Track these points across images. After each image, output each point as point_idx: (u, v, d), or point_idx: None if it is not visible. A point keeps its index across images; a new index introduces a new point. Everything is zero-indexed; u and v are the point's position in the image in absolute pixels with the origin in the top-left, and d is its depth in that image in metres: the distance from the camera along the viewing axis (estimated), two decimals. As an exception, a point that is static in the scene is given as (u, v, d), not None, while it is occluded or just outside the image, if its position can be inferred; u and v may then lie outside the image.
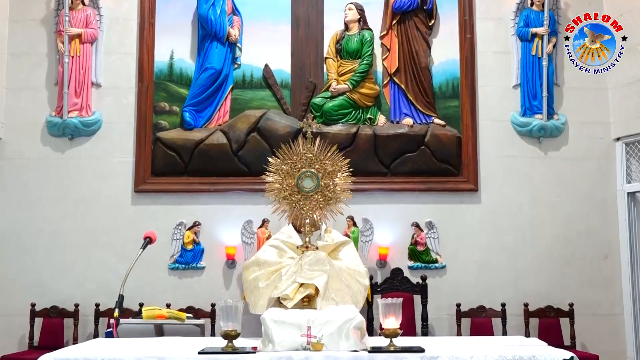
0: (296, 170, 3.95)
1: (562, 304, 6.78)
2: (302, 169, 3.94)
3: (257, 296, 4.01)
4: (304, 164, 3.96)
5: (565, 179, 7.11)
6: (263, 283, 4.00)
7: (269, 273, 4.04)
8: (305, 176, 3.93)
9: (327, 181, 3.96)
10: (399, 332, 3.30)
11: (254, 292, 4.04)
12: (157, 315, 4.49)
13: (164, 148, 7.04)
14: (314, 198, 3.94)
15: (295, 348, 3.24)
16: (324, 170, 3.96)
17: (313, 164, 3.95)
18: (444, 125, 7.12)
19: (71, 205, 6.97)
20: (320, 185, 3.94)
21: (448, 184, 7.06)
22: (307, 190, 3.91)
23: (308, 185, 3.92)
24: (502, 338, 5.23)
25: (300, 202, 3.94)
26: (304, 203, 3.93)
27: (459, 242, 7.01)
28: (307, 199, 3.92)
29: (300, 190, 3.93)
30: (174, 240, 6.94)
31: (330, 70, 7.17)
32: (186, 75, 7.17)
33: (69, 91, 7.00)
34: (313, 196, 3.93)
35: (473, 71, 7.17)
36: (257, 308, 4.00)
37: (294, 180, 3.94)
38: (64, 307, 6.76)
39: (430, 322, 6.64)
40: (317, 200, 3.94)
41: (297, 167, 3.96)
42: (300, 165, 3.97)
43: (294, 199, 3.94)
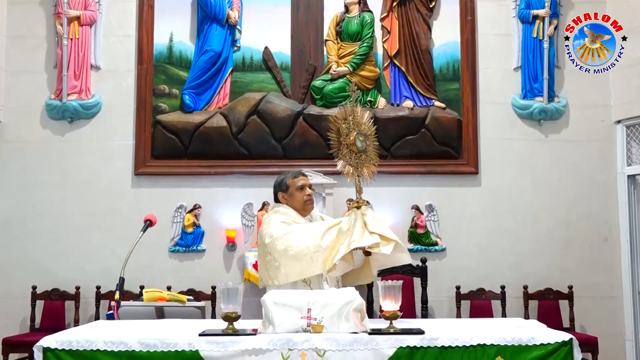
0: (351, 130, 4.01)
1: (561, 286, 6.81)
2: (354, 130, 4.01)
3: (318, 256, 3.88)
4: (354, 126, 4.03)
5: (566, 161, 7.10)
6: (325, 241, 3.90)
7: (325, 231, 3.96)
8: (355, 137, 3.99)
9: (368, 142, 4.05)
10: (398, 315, 3.31)
11: (314, 255, 3.88)
12: (158, 298, 4.50)
13: (164, 131, 7.04)
14: (362, 157, 4.02)
15: (296, 330, 3.26)
16: (365, 133, 4.03)
17: (359, 125, 4.02)
18: (444, 107, 7.11)
19: (71, 188, 6.98)
20: (366, 145, 4.02)
21: (448, 167, 7.06)
22: (359, 150, 3.99)
23: (359, 144, 3.99)
24: (501, 320, 5.25)
25: (355, 160, 4.00)
26: (357, 161, 4.00)
27: (459, 225, 7.03)
28: (358, 158, 4.00)
29: (359, 150, 4.00)
30: (174, 223, 6.96)
31: (331, 53, 7.14)
32: (186, 58, 7.14)
33: (68, 74, 6.98)
34: (361, 156, 4.01)
35: (474, 53, 7.14)
36: (316, 268, 3.90)
37: (351, 139, 3.99)
38: (65, 289, 6.79)
39: (430, 305, 6.67)
40: (364, 160, 4.02)
41: (351, 128, 4.02)
42: (352, 126, 4.03)
43: (351, 157, 4.00)
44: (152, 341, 3.19)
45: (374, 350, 3.19)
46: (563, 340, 3.25)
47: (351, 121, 4.04)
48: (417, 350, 3.20)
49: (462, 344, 3.22)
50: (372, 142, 4.12)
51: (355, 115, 4.06)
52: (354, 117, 4.05)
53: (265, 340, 3.18)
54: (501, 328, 3.46)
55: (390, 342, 3.20)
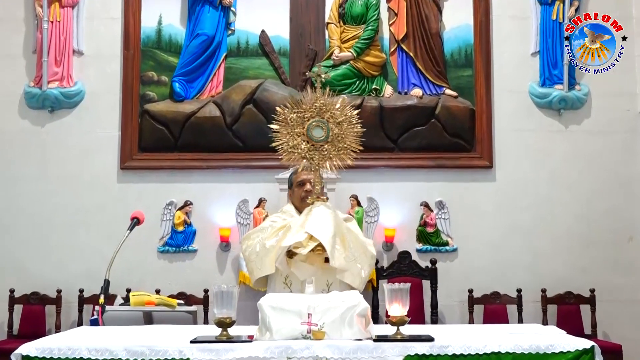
0: (305, 119, 3.99)
1: (582, 289, 6.81)
2: (311, 118, 3.97)
3: (263, 256, 4.02)
4: (313, 114, 3.99)
5: (587, 154, 7.10)
6: (271, 241, 4.03)
7: (276, 230, 4.08)
8: (314, 125, 3.96)
9: (337, 131, 4.00)
10: (406, 320, 3.31)
11: (259, 254, 4.06)
12: (146, 302, 4.51)
13: (152, 121, 7.04)
14: (324, 148, 3.97)
15: (295, 337, 3.26)
16: (334, 120, 3.99)
17: (323, 113, 3.98)
18: (456, 96, 7.11)
19: (52, 182, 6.98)
20: (331, 134, 3.97)
21: (460, 160, 7.06)
22: (317, 140, 3.94)
23: (318, 134, 3.95)
24: (517, 326, 5.25)
25: (310, 152, 3.97)
26: (314, 153, 3.97)
27: (472, 223, 7.03)
28: (316, 149, 3.96)
29: (310, 139, 3.96)
30: (164, 221, 6.97)
31: (333, 37, 7.14)
32: (176, 43, 7.14)
33: (49, 59, 6.97)
34: (323, 146, 3.96)
35: (488, 37, 7.14)
36: (264, 269, 4.02)
37: (304, 129, 3.97)
38: (45, 293, 6.79)
39: (440, 309, 6.68)
40: (328, 150, 3.98)
41: (307, 117, 3.99)
42: (310, 115, 3.99)
43: (303, 149, 3.97)
44: (139, 349, 3.19)
45: (379, 358, 3.18)
46: (584, 347, 3.25)
47: (313, 110, 4.01)
48: (426, 359, 3.20)
49: (474, 352, 3.21)
50: (347, 129, 4.06)
51: (318, 101, 4.02)
52: (317, 105, 4.03)
53: (261, 347, 3.18)
54: (517, 335, 3.45)
55: (397, 349, 3.20)
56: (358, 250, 4.05)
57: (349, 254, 3.94)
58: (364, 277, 4.06)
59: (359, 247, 4.08)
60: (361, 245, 4.12)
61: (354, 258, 3.98)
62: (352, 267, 3.98)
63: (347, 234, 4.05)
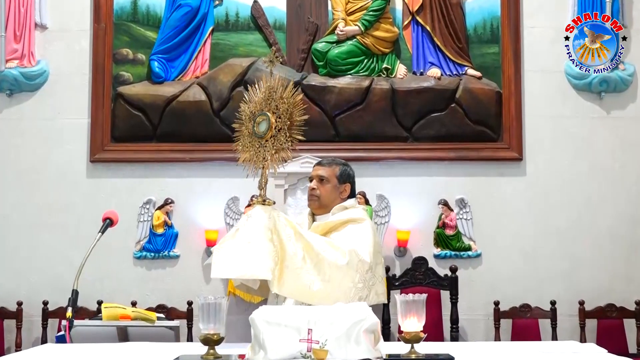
0: (256, 114, 4.03)
1: (626, 301, 6.82)
2: (259, 111, 4.02)
3: None
4: (262, 106, 4.02)
5: (632, 144, 7.12)
6: None
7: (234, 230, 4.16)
8: (261, 119, 3.99)
9: (281, 124, 4.00)
10: (422, 337, 3.32)
11: None
12: (121, 316, 4.51)
13: (127, 106, 7.05)
14: (267, 144, 4.00)
15: (293, 356, 3.27)
16: (279, 111, 3.99)
17: (269, 104, 4.00)
18: (480, 77, 7.12)
19: (11, 177, 7.00)
20: (272, 128, 3.98)
21: (484, 152, 7.07)
22: (260, 135, 3.97)
23: (263, 129, 3.97)
24: (551, 344, 5.27)
25: (258, 150, 4.00)
26: (261, 150, 4.00)
27: (498, 225, 7.05)
28: (262, 145, 3.99)
29: (255, 135, 3.99)
30: (141, 222, 6.98)
31: (337, 8, 7.14)
32: (154, 15, 7.15)
33: (7, 35, 6.99)
34: (267, 142, 3.99)
35: (517, 8, 7.14)
36: None
37: (250, 125, 4.01)
38: (3, 305, 6.81)
39: (461, 324, 6.69)
40: (269, 147, 4.00)
41: (257, 110, 4.03)
42: (260, 108, 4.03)
43: (254, 146, 4.01)
44: (113, 370, 3.21)
45: (390, 381, 3.21)
46: (628, 368, 3.26)
47: (263, 102, 4.04)
48: (445, 382, 3.22)
49: (501, 373, 3.24)
50: (292, 117, 4.07)
51: (270, 91, 4.06)
52: (269, 95, 4.05)
53: (254, 368, 3.20)
54: (551, 354, 3.47)
55: (412, 371, 3.22)
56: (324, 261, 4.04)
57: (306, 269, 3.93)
58: (349, 288, 4.05)
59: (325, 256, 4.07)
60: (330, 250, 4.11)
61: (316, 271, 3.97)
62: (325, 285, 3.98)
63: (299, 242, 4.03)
